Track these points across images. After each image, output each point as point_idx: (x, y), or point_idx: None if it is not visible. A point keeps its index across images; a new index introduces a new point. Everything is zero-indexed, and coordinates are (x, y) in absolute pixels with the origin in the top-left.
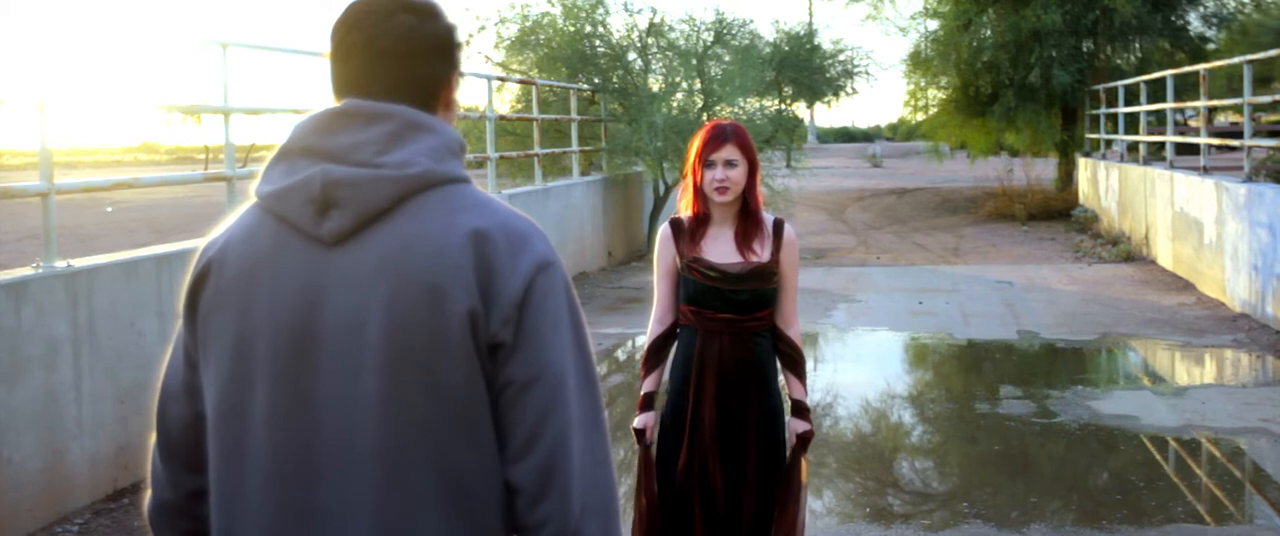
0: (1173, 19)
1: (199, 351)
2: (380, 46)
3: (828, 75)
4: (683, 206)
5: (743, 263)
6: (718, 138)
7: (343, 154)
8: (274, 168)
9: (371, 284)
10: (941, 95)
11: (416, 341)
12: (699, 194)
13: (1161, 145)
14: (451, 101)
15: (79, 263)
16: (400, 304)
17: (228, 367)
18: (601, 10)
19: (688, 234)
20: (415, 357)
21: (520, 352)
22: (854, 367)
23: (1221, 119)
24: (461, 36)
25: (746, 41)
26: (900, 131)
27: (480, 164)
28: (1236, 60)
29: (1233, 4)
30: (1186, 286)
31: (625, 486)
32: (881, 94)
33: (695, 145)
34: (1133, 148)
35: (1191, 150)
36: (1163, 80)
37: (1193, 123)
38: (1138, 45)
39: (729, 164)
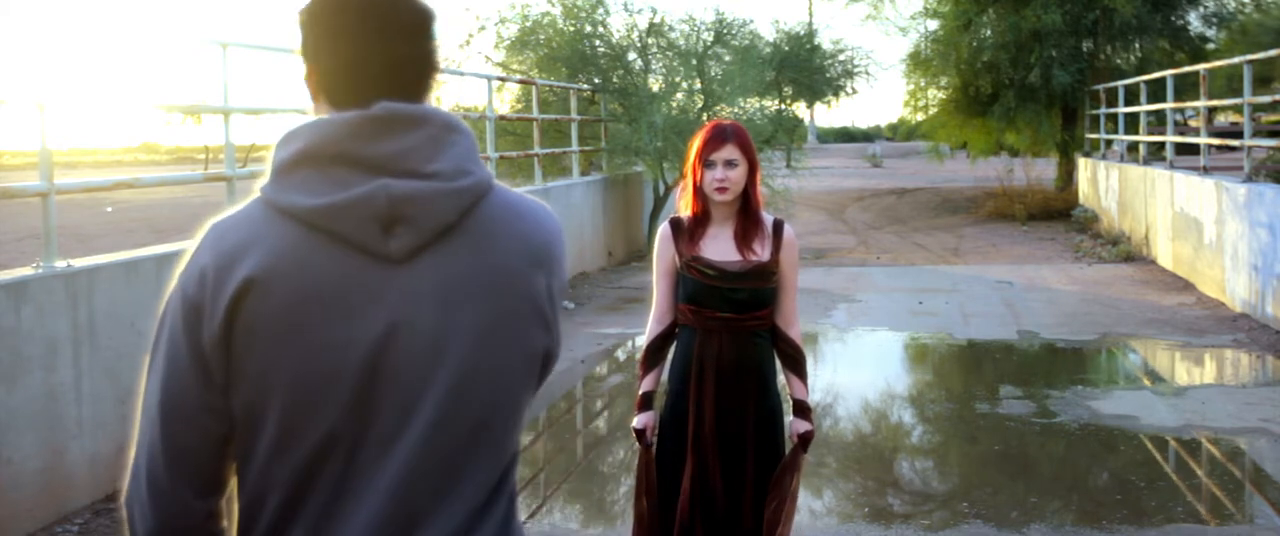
0: (1173, 19)
1: (233, 374)
2: (373, 27)
3: (828, 75)
4: (682, 206)
5: (742, 261)
6: (718, 137)
7: (390, 163)
8: (303, 174)
9: (446, 306)
10: (941, 95)
11: (491, 366)
12: (699, 193)
13: (1161, 145)
14: (435, 81)
15: (79, 263)
16: (478, 330)
17: (290, 395)
18: (601, 10)
19: (687, 233)
20: (491, 382)
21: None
22: (854, 367)
23: (1221, 119)
24: (460, 35)
25: (746, 41)
26: (900, 131)
27: None
28: (1236, 60)
29: (1233, 4)
30: (1186, 286)
31: (626, 486)
32: (881, 94)
33: (695, 145)
34: (1133, 148)
35: (1191, 150)
36: (1163, 80)
37: (1193, 123)
38: (1138, 45)
39: (729, 164)
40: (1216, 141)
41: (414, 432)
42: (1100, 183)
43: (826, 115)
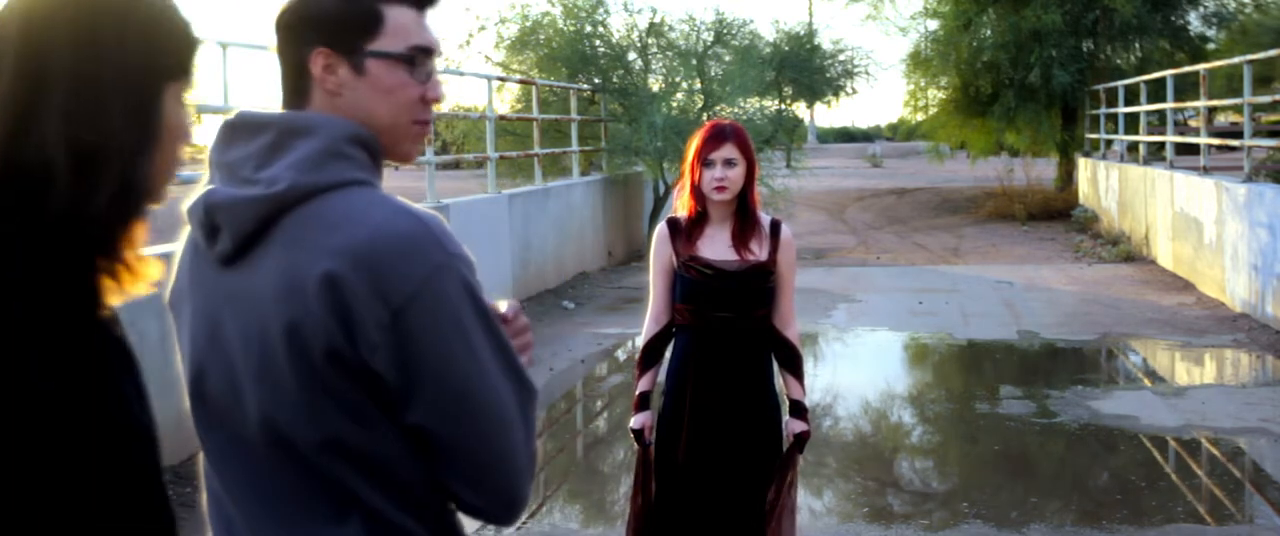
0: (1173, 19)
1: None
2: (276, 35)
3: (828, 75)
4: (680, 206)
5: (739, 261)
6: (717, 137)
7: (232, 169)
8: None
9: (250, 313)
10: (941, 95)
11: (285, 375)
12: (696, 193)
13: (1161, 145)
14: (330, 83)
15: None
16: (268, 338)
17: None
18: (601, 10)
19: (685, 233)
20: (287, 390)
21: (422, 386)
22: (854, 367)
23: (1221, 119)
24: (460, 35)
25: (746, 41)
26: (900, 131)
27: (480, 164)
28: (1236, 60)
29: (1233, 4)
30: (1186, 286)
31: (625, 486)
32: (881, 94)
33: (694, 144)
34: (1133, 148)
35: (1191, 150)
36: (1163, 80)
37: (1193, 123)
38: (1138, 45)
39: (728, 163)
40: (1216, 141)
41: (234, 447)
42: (1100, 183)
43: (826, 115)
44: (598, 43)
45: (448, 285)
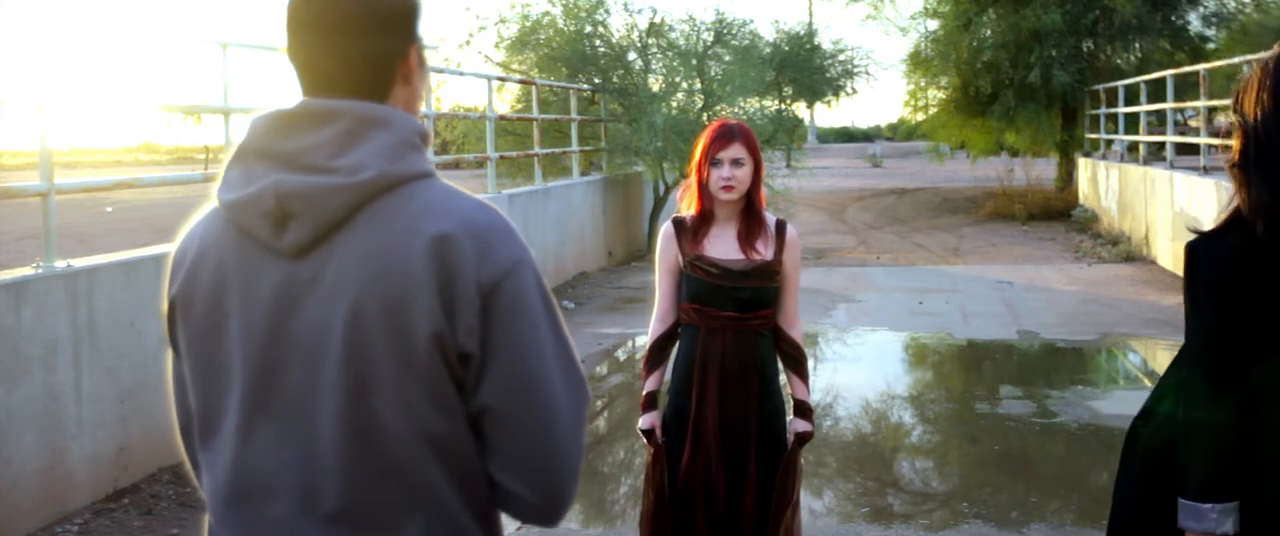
0: (1173, 19)
1: (182, 357)
2: (329, 21)
3: (828, 75)
4: (685, 205)
5: (745, 260)
6: (725, 136)
7: (296, 158)
8: (232, 170)
9: (334, 300)
10: (941, 95)
11: (379, 360)
12: (703, 191)
13: (1161, 145)
14: (413, 76)
15: (79, 263)
16: (361, 323)
17: (202, 387)
18: (601, 10)
19: (690, 232)
20: (380, 377)
21: (495, 367)
22: (854, 367)
23: (1221, 119)
24: (460, 35)
25: (746, 41)
26: (900, 131)
27: (480, 164)
28: (1236, 60)
29: (1233, 4)
30: None
31: (626, 486)
32: (881, 94)
33: (701, 143)
34: (1133, 148)
35: (1191, 150)
36: (1163, 80)
37: (1193, 123)
38: (1138, 45)
39: (736, 163)
40: (1216, 141)
41: (288, 442)
42: (1100, 183)
43: (826, 115)
44: (598, 43)
45: (530, 275)
